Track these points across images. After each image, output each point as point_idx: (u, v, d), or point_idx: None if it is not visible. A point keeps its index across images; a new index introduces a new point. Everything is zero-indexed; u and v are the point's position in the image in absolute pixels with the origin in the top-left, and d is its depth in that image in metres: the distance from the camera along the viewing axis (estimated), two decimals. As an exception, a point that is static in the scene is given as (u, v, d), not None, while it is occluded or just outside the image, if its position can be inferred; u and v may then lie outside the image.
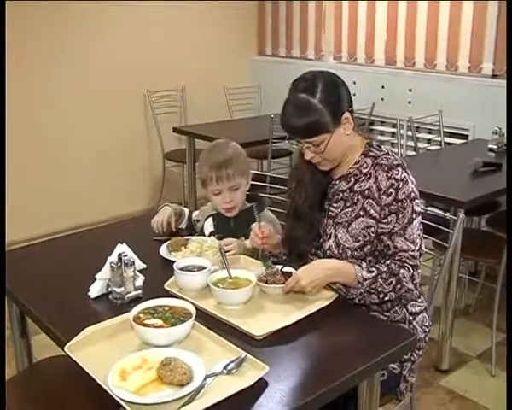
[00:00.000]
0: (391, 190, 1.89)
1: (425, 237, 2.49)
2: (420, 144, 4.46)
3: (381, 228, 1.91)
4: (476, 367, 3.21)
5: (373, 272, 1.88)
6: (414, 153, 4.41)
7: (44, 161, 4.77)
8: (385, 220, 1.90)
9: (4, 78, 3.90)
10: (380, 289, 1.88)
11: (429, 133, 4.63)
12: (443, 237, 2.52)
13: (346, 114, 1.91)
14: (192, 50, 5.51)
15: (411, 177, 1.94)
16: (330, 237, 1.98)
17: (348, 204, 1.97)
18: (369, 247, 1.94)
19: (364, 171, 1.96)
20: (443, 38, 4.53)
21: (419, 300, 2.05)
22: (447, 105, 4.40)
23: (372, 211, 1.92)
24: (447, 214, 2.64)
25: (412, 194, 1.91)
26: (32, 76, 4.61)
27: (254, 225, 2.09)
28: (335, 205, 2.00)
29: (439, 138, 4.36)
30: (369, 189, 1.93)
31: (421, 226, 1.95)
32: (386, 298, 1.91)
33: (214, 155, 2.31)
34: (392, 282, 1.88)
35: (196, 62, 5.53)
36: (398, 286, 1.89)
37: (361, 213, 1.93)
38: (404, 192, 1.89)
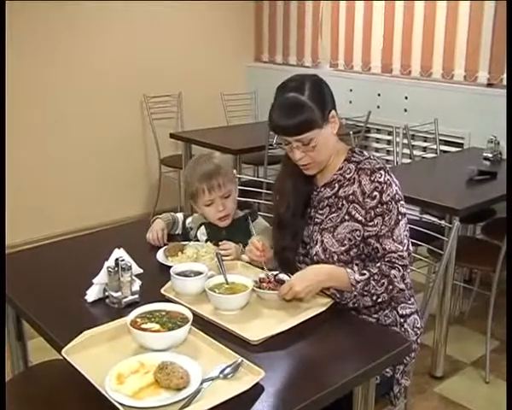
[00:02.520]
0: (375, 193, 1.92)
1: (420, 245, 2.52)
2: (415, 152, 4.49)
3: (368, 231, 1.93)
4: (470, 374, 3.22)
5: (365, 274, 1.90)
6: (409, 161, 4.44)
7: (40, 165, 4.78)
8: (371, 223, 1.92)
9: (4, 78, 3.89)
10: (373, 290, 1.90)
11: (425, 141, 4.66)
12: (438, 245, 2.53)
13: (333, 113, 1.95)
14: (189, 56, 5.53)
15: (394, 179, 1.97)
16: (317, 243, 2.00)
17: (333, 210, 2.00)
18: (355, 250, 1.96)
19: (348, 176, 1.99)
20: (439, 46, 4.57)
21: (409, 302, 2.07)
22: (443, 113, 4.43)
23: (357, 215, 1.94)
24: (442, 222, 2.66)
25: (397, 196, 1.93)
26: (28, 78, 4.62)
27: (253, 238, 2.09)
28: (321, 212, 2.03)
29: (434, 146, 4.38)
30: (354, 193, 1.96)
31: (408, 227, 1.97)
32: (380, 300, 1.93)
33: (202, 167, 2.33)
34: (384, 283, 1.90)
35: (193, 68, 5.55)
36: (390, 287, 1.91)
37: (346, 217, 1.96)
38: (389, 194, 1.91)
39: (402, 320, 2.04)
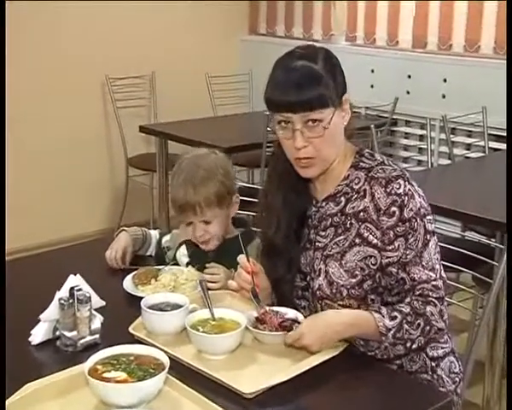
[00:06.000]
0: (393, 208, 1.92)
1: (462, 271, 2.53)
2: (456, 151, 4.51)
3: (388, 257, 1.94)
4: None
5: (396, 317, 1.90)
6: (449, 161, 4.46)
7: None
8: (390, 247, 1.93)
9: (4, 77, 3.91)
10: (406, 336, 1.90)
11: (469, 136, 4.67)
12: (486, 271, 2.54)
13: (347, 96, 1.99)
14: (165, 27, 5.55)
15: (417, 188, 1.98)
16: (320, 274, 2.00)
17: (340, 231, 2.00)
18: (369, 282, 1.96)
19: (357, 187, 2.00)
20: (489, 13, 4.56)
21: (441, 340, 2.07)
22: (493, 100, 4.41)
23: (371, 237, 1.95)
24: (492, 241, 2.67)
25: (422, 210, 1.95)
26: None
27: (241, 256, 2.06)
28: (323, 233, 2.03)
29: (481, 143, 4.40)
30: (365, 210, 1.96)
31: (438, 249, 1.98)
32: (414, 346, 1.93)
33: (183, 177, 2.30)
34: (420, 324, 1.90)
35: (170, 42, 5.57)
36: (428, 328, 1.92)
37: (356, 240, 1.96)
38: (412, 209, 1.92)
39: (433, 365, 2.05)
